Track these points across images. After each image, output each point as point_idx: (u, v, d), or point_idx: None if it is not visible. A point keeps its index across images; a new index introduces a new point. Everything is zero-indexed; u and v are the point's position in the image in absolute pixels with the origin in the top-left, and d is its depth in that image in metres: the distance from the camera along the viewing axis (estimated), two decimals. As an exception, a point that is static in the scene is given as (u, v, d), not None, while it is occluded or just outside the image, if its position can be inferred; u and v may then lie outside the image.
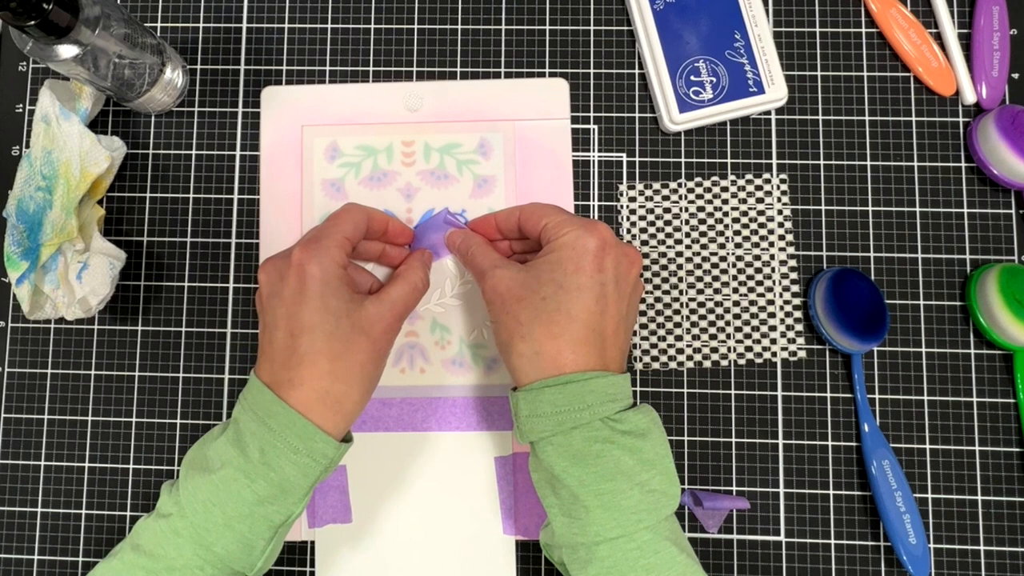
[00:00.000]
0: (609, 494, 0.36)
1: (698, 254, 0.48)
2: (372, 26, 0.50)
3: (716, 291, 0.47)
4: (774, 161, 0.48)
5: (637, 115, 0.49)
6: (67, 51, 0.39)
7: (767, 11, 0.49)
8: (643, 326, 0.47)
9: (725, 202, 0.48)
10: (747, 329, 0.47)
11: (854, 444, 0.46)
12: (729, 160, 0.48)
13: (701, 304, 0.47)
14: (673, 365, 0.47)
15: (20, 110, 0.50)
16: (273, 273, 0.39)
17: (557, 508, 0.38)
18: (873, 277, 0.47)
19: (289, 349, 0.37)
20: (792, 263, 0.47)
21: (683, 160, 0.48)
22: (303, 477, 0.37)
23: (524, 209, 0.43)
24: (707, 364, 0.47)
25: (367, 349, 0.38)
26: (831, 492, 0.46)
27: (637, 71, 0.49)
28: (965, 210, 0.48)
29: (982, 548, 0.45)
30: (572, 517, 0.37)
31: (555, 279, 0.38)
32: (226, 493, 0.36)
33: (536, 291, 0.39)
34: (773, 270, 0.47)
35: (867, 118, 0.48)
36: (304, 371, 0.37)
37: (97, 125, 0.50)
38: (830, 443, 0.46)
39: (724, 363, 0.47)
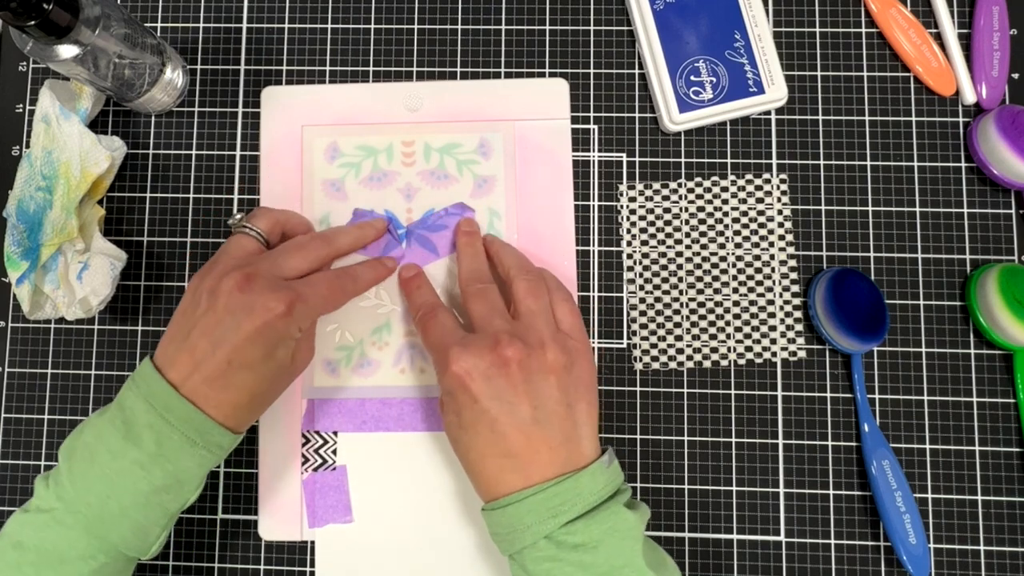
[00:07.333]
0: None
1: (698, 254, 0.48)
2: (372, 26, 0.50)
3: (716, 291, 0.47)
4: (774, 161, 0.48)
5: (637, 115, 0.49)
6: (67, 51, 0.39)
7: (767, 11, 0.49)
8: (643, 326, 0.47)
9: (725, 202, 0.48)
10: (747, 329, 0.47)
11: (854, 444, 0.46)
12: (729, 160, 0.48)
13: (701, 304, 0.47)
14: (673, 365, 0.47)
15: (20, 110, 0.50)
16: (268, 295, 0.38)
17: None
18: (873, 277, 0.47)
19: (220, 373, 0.37)
20: (792, 263, 0.47)
21: (683, 160, 0.48)
22: (199, 468, 0.38)
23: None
24: (707, 364, 0.47)
25: (287, 384, 0.42)
26: (831, 492, 0.46)
27: (637, 71, 0.49)
28: (965, 210, 0.48)
29: (982, 548, 0.45)
30: None
31: (451, 422, 0.40)
32: (122, 485, 0.36)
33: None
34: (773, 270, 0.47)
35: (867, 118, 0.48)
36: (224, 396, 0.38)
37: (97, 125, 0.50)
38: (830, 443, 0.46)
39: (724, 363, 0.47)
